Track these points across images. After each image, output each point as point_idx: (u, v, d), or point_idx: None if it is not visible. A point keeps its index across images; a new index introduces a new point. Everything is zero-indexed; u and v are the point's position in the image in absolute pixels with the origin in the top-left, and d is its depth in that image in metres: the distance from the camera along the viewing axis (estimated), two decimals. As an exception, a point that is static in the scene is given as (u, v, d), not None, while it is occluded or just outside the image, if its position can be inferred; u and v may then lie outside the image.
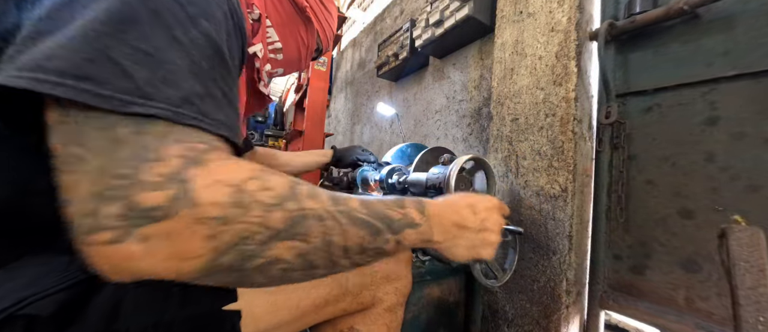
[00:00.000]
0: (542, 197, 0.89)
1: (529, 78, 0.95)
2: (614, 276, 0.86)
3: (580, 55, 0.85)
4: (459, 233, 0.47)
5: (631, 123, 0.85)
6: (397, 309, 0.62)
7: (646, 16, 0.79)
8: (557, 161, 0.86)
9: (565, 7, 0.87)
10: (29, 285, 0.33)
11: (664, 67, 0.80)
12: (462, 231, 0.47)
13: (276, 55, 0.67)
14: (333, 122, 3.38)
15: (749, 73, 0.68)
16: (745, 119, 0.68)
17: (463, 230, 0.47)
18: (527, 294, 0.91)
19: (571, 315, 0.85)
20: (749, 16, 0.69)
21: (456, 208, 0.47)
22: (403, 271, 0.62)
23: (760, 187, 0.66)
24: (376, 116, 2.38)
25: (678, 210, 0.76)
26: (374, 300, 0.59)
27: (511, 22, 1.03)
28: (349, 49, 3.24)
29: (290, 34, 0.67)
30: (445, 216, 0.45)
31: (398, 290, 0.61)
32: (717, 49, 0.72)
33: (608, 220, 0.87)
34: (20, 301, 0.31)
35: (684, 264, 0.75)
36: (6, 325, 0.31)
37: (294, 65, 0.74)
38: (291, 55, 0.70)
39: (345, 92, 3.16)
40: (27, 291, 0.32)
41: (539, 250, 0.89)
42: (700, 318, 0.71)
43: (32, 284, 0.33)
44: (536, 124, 0.92)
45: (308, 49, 0.73)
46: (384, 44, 2.10)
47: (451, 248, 0.47)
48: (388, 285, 0.60)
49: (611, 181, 0.87)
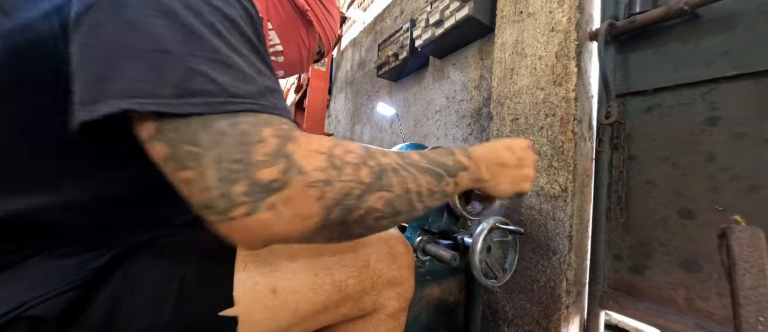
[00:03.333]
0: (542, 197, 0.89)
1: (529, 78, 0.95)
2: (614, 276, 0.86)
3: (580, 55, 0.85)
4: (502, 171, 0.53)
5: (631, 123, 0.85)
6: (400, 314, 0.60)
7: (646, 16, 0.79)
8: (557, 161, 0.86)
9: (565, 7, 0.87)
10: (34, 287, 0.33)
11: (664, 67, 0.80)
12: (504, 169, 0.53)
13: (277, 57, 0.67)
14: (333, 122, 3.38)
15: (749, 73, 0.68)
16: (745, 119, 0.68)
17: (505, 168, 0.53)
18: (527, 294, 0.91)
19: (571, 315, 0.85)
20: (749, 16, 0.69)
21: (496, 149, 0.54)
22: (406, 275, 0.61)
23: (760, 187, 0.66)
24: (376, 116, 2.38)
25: (678, 210, 0.76)
26: (376, 306, 0.57)
27: (511, 22, 1.03)
28: (349, 49, 3.24)
29: (291, 37, 0.67)
30: (489, 158, 0.51)
31: (400, 295, 0.60)
32: (717, 49, 0.72)
33: (608, 220, 0.87)
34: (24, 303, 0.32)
35: (684, 264, 0.75)
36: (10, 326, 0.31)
37: (295, 68, 0.74)
38: (292, 58, 0.70)
39: (345, 92, 3.16)
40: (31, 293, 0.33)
41: (539, 250, 0.89)
42: (700, 318, 0.71)
43: (37, 286, 0.34)
44: (536, 124, 0.92)
45: (309, 51, 0.72)
46: (384, 44, 2.10)
47: (497, 185, 0.53)
48: (390, 290, 0.58)
49: (611, 181, 0.87)
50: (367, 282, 0.55)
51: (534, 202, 0.90)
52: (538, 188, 0.90)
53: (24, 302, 0.32)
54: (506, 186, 0.54)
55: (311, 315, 0.49)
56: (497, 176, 0.53)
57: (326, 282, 0.49)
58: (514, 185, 0.55)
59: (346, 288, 0.52)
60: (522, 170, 0.55)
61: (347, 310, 0.54)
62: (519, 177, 0.55)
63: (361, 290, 0.54)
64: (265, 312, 0.44)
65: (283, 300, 0.46)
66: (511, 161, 0.54)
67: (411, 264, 0.63)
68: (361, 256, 0.54)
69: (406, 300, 0.61)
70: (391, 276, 0.58)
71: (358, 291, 0.54)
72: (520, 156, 0.55)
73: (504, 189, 0.54)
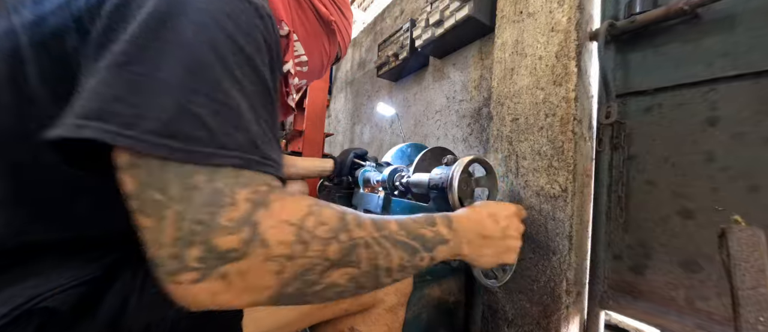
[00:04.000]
0: (542, 197, 0.89)
1: (529, 78, 0.95)
2: (614, 276, 0.86)
3: (580, 55, 0.85)
4: (484, 243, 0.50)
5: (631, 123, 0.85)
6: (398, 309, 0.62)
7: (646, 16, 0.79)
8: (557, 161, 0.86)
9: (565, 7, 0.87)
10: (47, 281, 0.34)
11: (664, 67, 0.80)
12: (487, 241, 0.50)
13: (302, 67, 0.67)
14: (333, 122, 3.38)
15: (749, 74, 0.68)
16: (745, 119, 0.68)
17: (488, 239, 0.50)
18: (527, 294, 0.91)
19: (571, 315, 0.85)
20: (749, 16, 0.69)
21: (479, 219, 0.51)
22: None
23: (760, 187, 0.66)
24: (376, 116, 2.38)
25: (678, 210, 0.76)
26: (375, 301, 0.59)
27: (511, 22, 1.03)
28: (349, 49, 3.24)
29: (315, 47, 0.67)
30: (471, 229, 0.49)
31: (399, 290, 0.61)
32: (717, 49, 0.72)
33: (608, 220, 0.87)
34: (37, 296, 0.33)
35: (684, 264, 0.75)
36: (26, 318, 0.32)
37: (316, 75, 0.74)
38: (315, 67, 0.70)
39: (345, 92, 3.16)
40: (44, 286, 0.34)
41: (539, 250, 0.89)
42: (701, 318, 0.71)
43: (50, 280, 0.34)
44: (536, 124, 0.92)
45: (329, 58, 0.73)
46: (384, 44, 2.10)
47: (479, 258, 0.50)
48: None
49: (611, 181, 0.87)
50: None
51: (534, 202, 0.90)
52: (538, 188, 0.90)
53: (37, 294, 0.33)
54: (488, 259, 0.51)
55: (313, 309, 0.51)
56: (479, 248, 0.50)
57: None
58: (496, 258, 0.52)
59: None
60: (506, 242, 0.53)
61: (347, 305, 0.56)
62: (502, 248, 0.52)
63: None
64: (267, 308, 0.46)
65: None
66: (494, 232, 0.51)
67: None
68: None
69: (404, 295, 0.62)
70: None
71: None
72: (504, 226, 0.53)
73: (485, 262, 0.51)
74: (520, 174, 0.94)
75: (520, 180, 0.94)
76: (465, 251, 0.48)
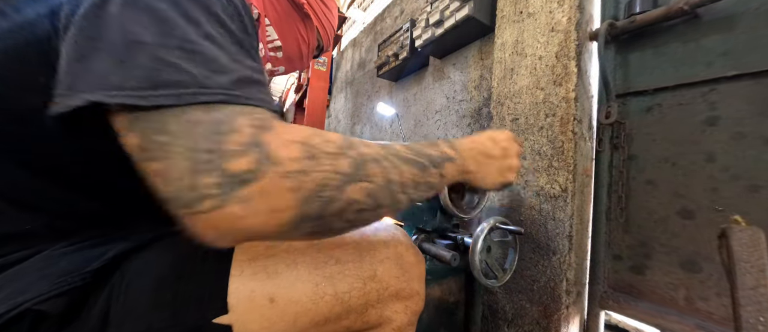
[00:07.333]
0: (542, 197, 0.89)
1: (529, 78, 0.95)
2: (614, 276, 0.86)
3: (580, 55, 0.85)
4: (487, 161, 0.53)
5: (631, 123, 0.85)
6: (408, 329, 0.56)
7: (646, 16, 0.79)
8: (557, 161, 0.86)
9: (565, 7, 0.87)
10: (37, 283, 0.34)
11: (664, 67, 0.80)
12: (490, 160, 0.53)
13: (276, 53, 0.67)
14: (333, 122, 3.38)
15: (749, 74, 0.68)
16: (745, 119, 0.68)
17: (491, 159, 0.53)
18: (527, 294, 0.91)
19: (571, 315, 0.85)
20: (749, 16, 0.69)
21: (481, 141, 0.54)
22: (416, 288, 0.56)
23: (760, 187, 0.66)
24: (376, 116, 2.38)
25: (678, 210, 0.76)
26: (381, 319, 0.53)
27: (511, 22, 1.03)
28: (349, 49, 3.24)
29: (289, 32, 0.67)
30: (474, 149, 0.51)
31: (409, 308, 0.55)
32: (717, 49, 0.72)
33: (608, 220, 0.87)
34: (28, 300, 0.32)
35: (684, 264, 0.75)
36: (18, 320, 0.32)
37: (295, 63, 0.74)
38: (291, 53, 0.70)
39: (345, 92, 3.16)
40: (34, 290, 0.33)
41: (539, 250, 0.89)
42: (701, 319, 0.71)
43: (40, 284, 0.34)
44: (536, 124, 0.92)
45: (309, 46, 0.72)
46: (384, 44, 2.10)
47: (484, 176, 0.53)
48: (397, 303, 0.54)
49: (611, 181, 0.87)
50: (373, 295, 0.51)
51: (534, 202, 0.90)
52: (538, 188, 0.90)
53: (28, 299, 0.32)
54: (493, 177, 0.54)
55: (311, 327, 0.46)
56: (483, 167, 0.52)
57: (328, 293, 0.46)
58: (500, 176, 0.55)
59: (348, 300, 0.48)
60: (507, 161, 0.55)
61: (350, 323, 0.50)
62: (504, 168, 0.55)
63: (366, 302, 0.50)
64: (261, 322, 0.42)
65: (280, 309, 0.43)
66: (495, 151, 0.54)
67: (422, 275, 0.58)
68: (366, 266, 0.50)
69: (415, 313, 0.57)
70: (399, 288, 0.54)
71: (362, 303, 0.50)
72: (504, 147, 0.55)
73: (491, 181, 0.54)
74: (520, 174, 0.94)
75: (520, 180, 0.94)
76: (471, 167, 0.50)
